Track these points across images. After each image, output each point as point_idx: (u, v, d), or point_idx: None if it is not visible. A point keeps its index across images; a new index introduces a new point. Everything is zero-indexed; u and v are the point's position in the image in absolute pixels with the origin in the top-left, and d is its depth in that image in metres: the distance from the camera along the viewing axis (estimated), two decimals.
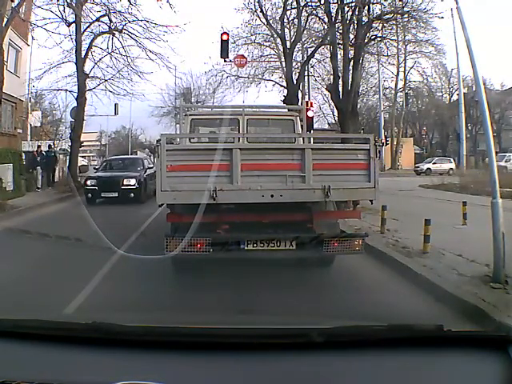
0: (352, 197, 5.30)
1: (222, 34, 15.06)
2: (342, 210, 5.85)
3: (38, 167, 18.00)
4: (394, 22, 14.21)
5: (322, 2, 14.08)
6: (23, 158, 17.42)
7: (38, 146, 19.54)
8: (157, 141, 5.06)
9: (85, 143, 27.51)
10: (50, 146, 20.09)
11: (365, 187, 5.08)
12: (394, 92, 39.91)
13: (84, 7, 16.64)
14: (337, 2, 13.65)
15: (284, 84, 17.46)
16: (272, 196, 4.91)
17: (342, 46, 13.62)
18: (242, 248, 5.01)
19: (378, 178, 5.09)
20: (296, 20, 15.41)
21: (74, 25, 17.35)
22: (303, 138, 6.52)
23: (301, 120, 7.50)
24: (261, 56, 18.79)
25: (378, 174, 5.15)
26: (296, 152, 5.10)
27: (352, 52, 13.32)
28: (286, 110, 9.60)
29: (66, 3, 16.12)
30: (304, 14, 15.16)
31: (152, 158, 19.53)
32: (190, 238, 4.48)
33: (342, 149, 5.50)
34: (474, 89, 32.43)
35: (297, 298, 4.58)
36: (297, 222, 5.40)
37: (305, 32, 15.84)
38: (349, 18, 13.45)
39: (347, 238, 5.22)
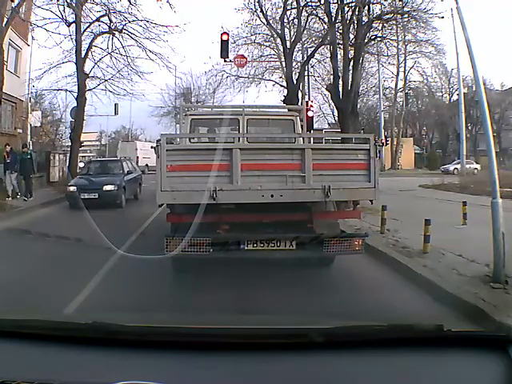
0: (352, 197, 5.29)
1: (221, 34, 15.06)
2: (342, 209, 5.83)
3: (8, 171, 14.16)
4: (394, 22, 14.22)
5: (322, 1, 14.08)
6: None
7: (6, 145, 14.69)
8: (157, 141, 5.03)
9: (85, 143, 27.51)
10: (24, 146, 15.88)
11: (365, 187, 5.08)
12: (394, 92, 39.95)
13: (84, 7, 16.63)
14: (337, 2, 13.66)
15: (284, 84, 17.46)
16: (272, 196, 4.90)
17: (341, 46, 13.61)
18: (241, 248, 5.00)
19: (378, 178, 5.08)
20: (296, 20, 15.40)
21: (73, 25, 17.34)
22: (303, 138, 6.49)
23: (301, 120, 7.48)
24: (261, 56, 18.80)
25: (378, 173, 5.15)
26: (296, 152, 5.10)
27: (352, 52, 13.33)
28: (286, 110, 9.58)
29: (65, 3, 16.11)
30: (304, 13, 15.17)
31: None
32: (189, 238, 4.46)
33: (342, 149, 5.50)
34: (474, 89, 32.43)
35: (297, 298, 4.58)
36: (297, 222, 5.39)
37: (305, 32, 15.83)
38: (349, 18, 13.46)
39: (347, 238, 5.21)
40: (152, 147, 5.12)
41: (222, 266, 5.52)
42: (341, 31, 13.48)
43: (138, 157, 27.97)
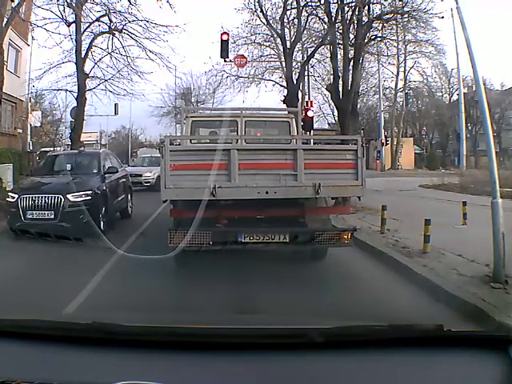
0: (341, 193, 5.73)
1: (221, 34, 15.04)
2: (339, 205, 6.31)
3: None
4: (394, 22, 14.16)
5: (322, 1, 14.06)
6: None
7: None
8: (161, 142, 5.37)
9: (85, 143, 27.53)
10: None
11: (353, 185, 5.43)
12: (394, 92, 39.83)
13: (84, 7, 16.58)
14: (337, 2, 13.62)
15: (284, 84, 17.43)
16: (267, 193, 5.26)
17: (341, 46, 13.58)
18: (239, 241, 5.38)
19: (364, 177, 5.43)
20: (296, 20, 15.36)
21: (73, 25, 17.27)
22: (296, 140, 6.80)
23: (296, 121, 7.76)
24: (261, 56, 18.75)
25: (365, 172, 5.48)
26: (289, 152, 5.45)
27: (352, 52, 13.29)
28: (283, 112, 9.74)
29: (65, 3, 16.05)
30: (304, 13, 15.11)
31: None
32: (191, 232, 4.80)
33: (331, 149, 5.91)
34: (473, 89, 32.42)
35: (296, 298, 4.58)
36: (290, 217, 5.76)
37: (305, 32, 15.78)
38: (349, 18, 13.41)
39: (337, 232, 5.60)
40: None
41: (222, 266, 5.62)
42: (341, 31, 13.43)
43: None
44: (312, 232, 5.47)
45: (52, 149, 23.50)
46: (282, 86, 18.94)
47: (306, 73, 17.88)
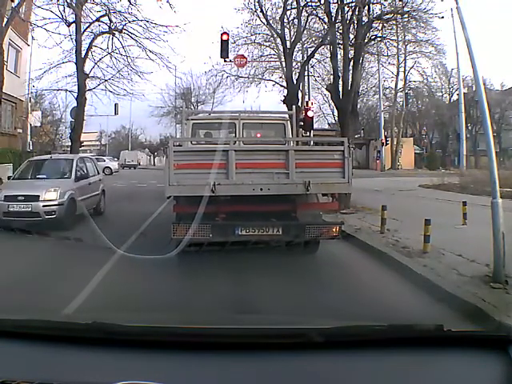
0: (329, 190, 6.08)
1: (221, 34, 15.04)
2: (333, 201, 6.62)
3: None
4: (394, 22, 14.14)
5: (322, 1, 14.05)
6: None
7: None
8: (165, 143, 5.61)
9: (85, 143, 27.55)
10: None
11: (340, 182, 5.85)
12: (394, 92, 39.82)
13: (84, 7, 16.58)
14: (337, 2, 13.60)
15: (284, 84, 17.44)
16: (261, 189, 5.67)
17: (341, 46, 13.58)
18: (236, 233, 5.79)
19: (351, 175, 5.85)
20: (296, 20, 15.37)
21: (74, 25, 17.28)
22: (288, 141, 7.23)
23: (291, 124, 8.14)
24: (261, 56, 18.79)
25: (352, 171, 5.90)
26: (282, 153, 5.87)
27: (352, 52, 13.28)
28: (278, 115, 9.89)
29: (65, 3, 16.06)
30: (304, 14, 15.11)
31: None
32: (193, 225, 5.20)
33: (320, 150, 6.37)
34: (474, 89, 32.41)
35: (296, 299, 4.58)
36: (283, 212, 6.16)
37: (305, 32, 15.79)
38: (349, 18, 13.40)
39: (326, 225, 6.07)
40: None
41: (222, 267, 5.70)
42: (341, 31, 13.42)
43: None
44: (303, 225, 5.90)
45: None
46: (282, 86, 18.97)
47: (306, 73, 17.88)
